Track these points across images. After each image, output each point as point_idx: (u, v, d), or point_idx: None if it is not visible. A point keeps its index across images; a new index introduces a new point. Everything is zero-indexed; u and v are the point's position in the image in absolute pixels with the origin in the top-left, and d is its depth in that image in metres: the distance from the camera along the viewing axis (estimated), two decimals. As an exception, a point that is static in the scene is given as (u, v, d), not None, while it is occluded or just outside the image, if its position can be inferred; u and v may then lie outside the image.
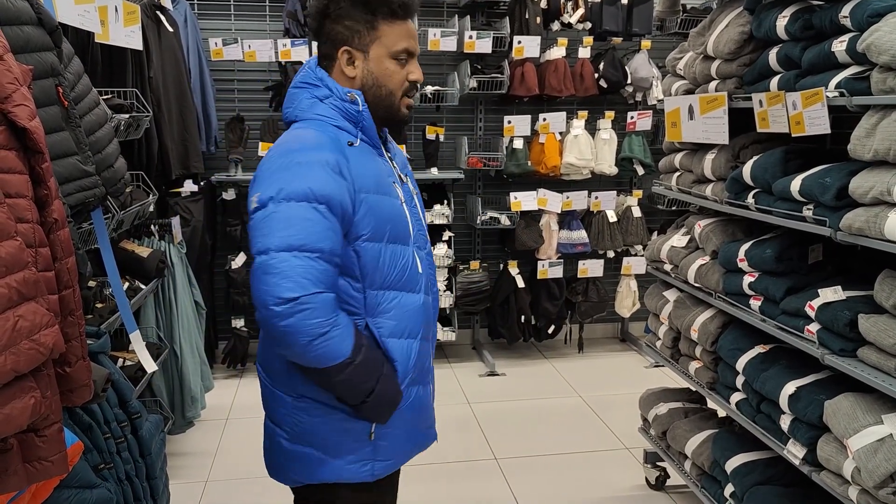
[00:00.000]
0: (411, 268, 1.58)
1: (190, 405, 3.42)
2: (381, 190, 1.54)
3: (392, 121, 1.62)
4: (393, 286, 1.56)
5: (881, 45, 1.72)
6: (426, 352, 1.67)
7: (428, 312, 1.65)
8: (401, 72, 1.57)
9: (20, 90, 1.18)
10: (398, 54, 1.55)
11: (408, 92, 1.60)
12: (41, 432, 1.12)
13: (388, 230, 1.53)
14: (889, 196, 1.69)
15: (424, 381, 1.67)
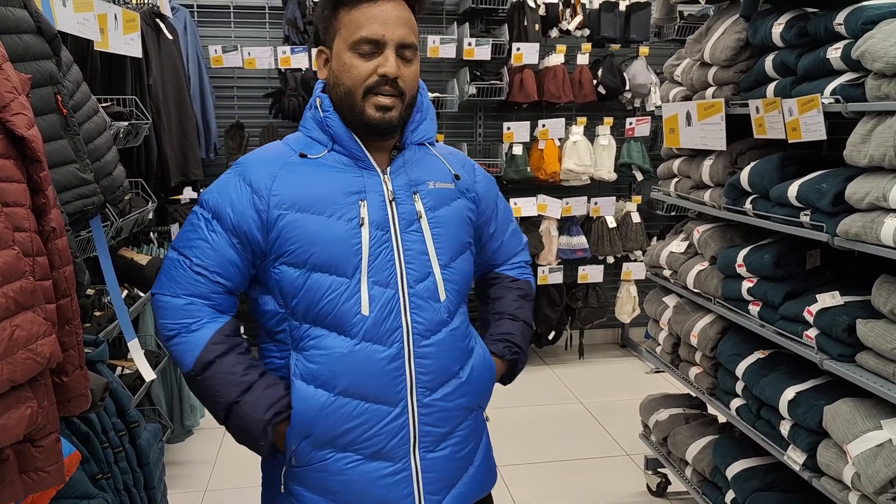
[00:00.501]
0: (343, 306, 1.32)
1: (189, 414, 3.42)
2: (317, 209, 1.33)
3: (361, 125, 1.36)
4: (317, 322, 1.35)
5: (875, 52, 1.72)
6: (360, 415, 1.34)
7: (367, 366, 1.33)
8: (362, 65, 1.32)
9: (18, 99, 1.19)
10: (356, 45, 1.32)
11: (374, 88, 1.32)
12: (38, 442, 1.12)
13: (311, 255, 1.32)
14: (885, 201, 1.70)
15: (364, 451, 1.35)
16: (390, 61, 1.32)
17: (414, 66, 1.37)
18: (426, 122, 1.48)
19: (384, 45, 1.32)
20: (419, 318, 1.37)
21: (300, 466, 1.38)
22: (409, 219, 1.39)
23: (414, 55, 1.37)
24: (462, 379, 1.44)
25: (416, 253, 1.38)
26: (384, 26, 1.31)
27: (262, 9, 4.56)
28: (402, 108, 1.37)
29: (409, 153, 1.45)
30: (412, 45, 1.36)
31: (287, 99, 4.30)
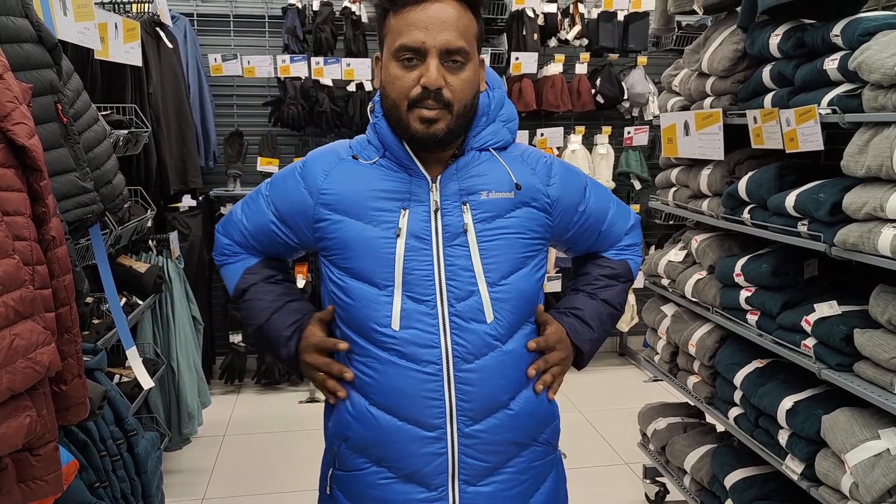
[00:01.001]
0: (374, 317, 1.27)
1: (187, 422, 3.41)
2: (357, 214, 1.30)
3: (409, 139, 1.28)
4: (353, 327, 1.32)
5: (872, 63, 1.73)
6: (393, 432, 1.28)
7: (399, 383, 1.27)
8: (405, 76, 1.23)
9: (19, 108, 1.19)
10: (398, 53, 1.23)
11: (418, 101, 1.23)
12: (36, 451, 1.12)
13: (347, 260, 1.30)
14: (882, 212, 1.70)
15: (397, 470, 1.30)
16: (431, 71, 1.21)
17: (465, 73, 1.25)
18: (493, 125, 1.36)
19: (426, 52, 1.21)
20: (460, 340, 1.27)
21: (342, 470, 1.36)
22: (455, 231, 1.29)
23: (465, 59, 1.24)
24: (512, 411, 1.31)
25: (459, 269, 1.28)
26: (425, 32, 1.20)
27: (262, 18, 4.58)
28: (452, 120, 1.25)
29: (465, 159, 1.34)
30: (459, 49, 1.22)
31: (286, 107, 4.31)
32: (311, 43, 4.38)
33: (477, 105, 1.33)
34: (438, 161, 1.33)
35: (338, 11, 4.39)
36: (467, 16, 1.25)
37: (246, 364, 4.51)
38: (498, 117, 1.38)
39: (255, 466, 3.47)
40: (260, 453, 3.62)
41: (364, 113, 4.43)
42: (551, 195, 1.38)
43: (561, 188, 1.40)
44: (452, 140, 1.30)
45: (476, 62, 1.29)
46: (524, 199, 1.34)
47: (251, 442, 3.77)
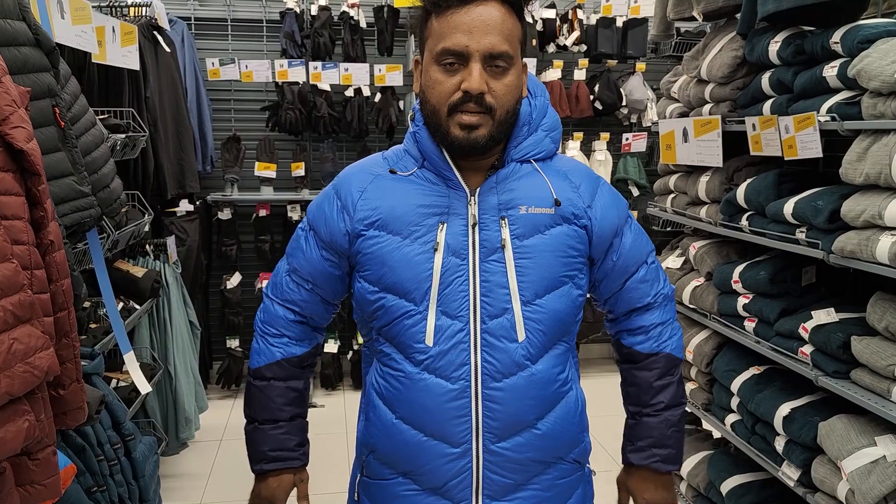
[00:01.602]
0: (408, 331, 1.25)
1: (184, 426, 3.40)
2: (395, 228, 1.27)
3: (448, 145, 1.24)
4: (388, 340, 1.30)
5: (871, 70, 1.74)
6: (418, 446, 1.27)
7: (427, 399, 1.25)
8: (446, 81, 1.19)
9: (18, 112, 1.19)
10: (440, 57, 1.19)
11: (458, 106, 1.19)
12: (34, 455, 1.11)
13: (383, 275, 1.27)
14: (880, 219, 1.71)
15: (422, 483, 1.29)
16: (474, 75, 1.17)
17: (508, 78, 1.21)
18: (535, 134, 1.32)
19: (468, 56, 1.17)
20: (490, 358, 1.24)
21: (369, 478, 1.36)
22: (492, 247, 1.25)
23: (509, 64, 1.20)
24: (539, 431, 1.29)
25: (494, 285, 1.25)
26: (469, 35, 1.17)
27: (260, 22, 4.58)
28: (493, 126, 1.21)
29: (505, 171, 1.29)
30: (503, 53, 1.18)
31: (284, 112, 4.31)
32: (309, 48, 4.38)
33: (519, 112, 1.28)
34: (477, 172, 1.30)
35: (336, 16, 4.39)
36: (512, 19, 1.22)
37: (243, 369, 4.50)
38: (540, 126, 1.33)
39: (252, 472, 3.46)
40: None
41: (362, 118, 4.43)
42: (591, 216, 1.33)
43: (602, 212, 1.34)
44: (493, 147, 1.26)
45: (519, 67, 1.25)
46: (565, 216, 1.30)
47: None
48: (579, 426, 1.37)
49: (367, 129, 4.47)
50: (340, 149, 4.68)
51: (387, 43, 4.45)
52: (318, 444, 3.68)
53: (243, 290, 4.48)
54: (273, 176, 4.44)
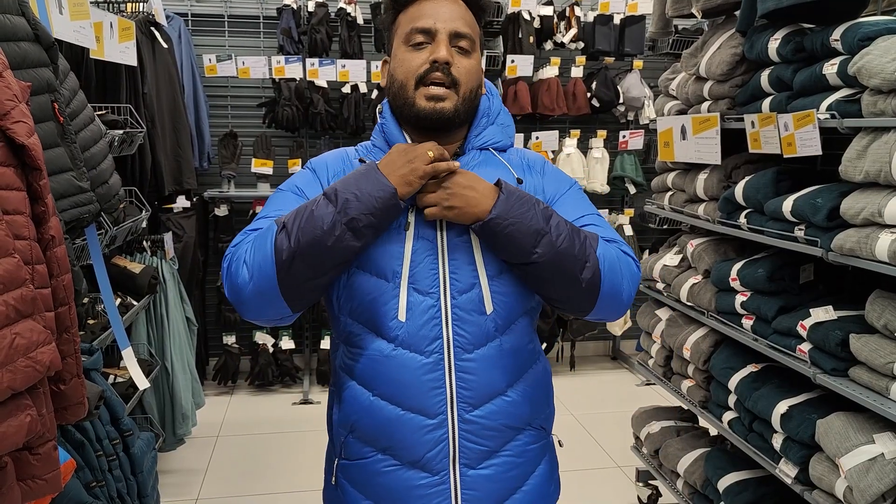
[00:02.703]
0: (382, 309, 1.29)
1: (181, 422, 3.40)
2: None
3: (413, 120, 1.32)
4: (359, 320, 1.33)
5: (872, 68, 1.74)
6: (396, 421, 1.31)
7: (403, 373, 1.29)
8: (415, 57, 1.29)
9: (19, 107, 1.19)
10: (409, 37, 1.30)
11: (425, 77, 1.28)
12: (35, 450, 1.11)
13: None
14: (880, 217, 1.71)
15: (402, 457, 1.32)
16: (441, 47, 1.27)
17: (471, 60, 1.32)
18: (492, 127, 1.41)
19: (435, 32, 1.29)
20: (461, 331, 1.30)
21: (348, 459, 1.38)
22: (459, 227, 1.32)
23: (472, 48, 1.32)
24: (510, 398, 1.35)
25: (462, 263, 1.31)
26: (435, 17, 1.29)
27: (257, 18, 4.57)
28: (459, 101, 1.30)
29: (466, 158, 1.37)
30: (467, 35, 1.31)
31: (281, 108, 4.31)
32: (306, 44, 4.38)
33: (479, 101, 1.38)
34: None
35: (333, 13, 4.38)
36: (471, 15, 1.35)
37: (239, 365, 4.49)
38: (497, 121, 1.42)
39: (249, 467, 3.46)
40: (253, 454, 3.61)
41: (359, 114, 4.43)
42: (547, 190, 1.41)
43: (550, 184, 1.43)
44: (457, 125, 1.34)
45: (479, 58, 1.35)
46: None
47: (245, 443, 3.76)
48: (546, 393, 1.44)
49: (363, 125, 4.47)
50: (337, 145, 4.67)
51: (384, 39, 4.44)
52: (316, 440, 3.70)
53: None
54: (270, 172, 4.44)
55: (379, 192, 1.22)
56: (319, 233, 1.21)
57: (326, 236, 1.21)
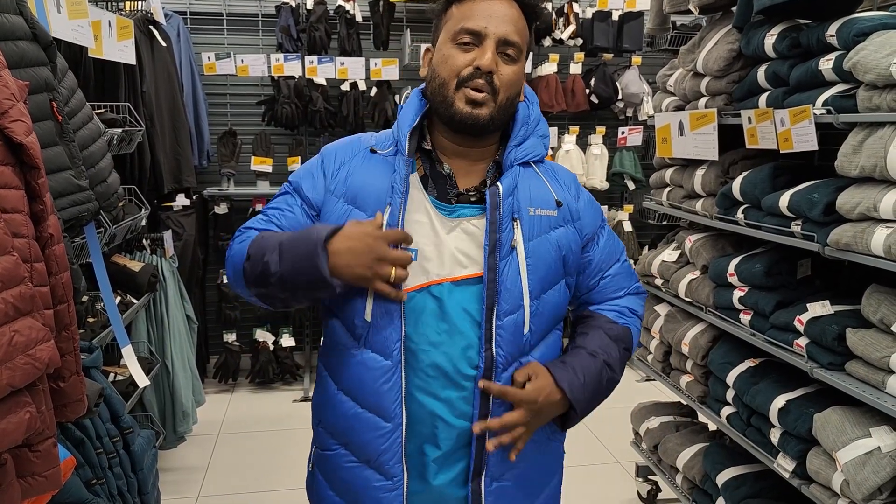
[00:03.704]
0: (349, 304, 1.30)
1: (181, 420, 3.40)
2: (362, 205, 1.31)
3: (449, 119, 1.29)
4: (331, 313, 1.35)
5: (867, 63, 1.75)
6: (354, 417, 1.31)
7: (363, 372, 1.29)
8: (459, 56, 1.26)
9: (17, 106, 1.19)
10: (458, 35, 1.27)
11: (467, 81, 1.25)
12: (35, 447, 1.12)
13: None
14: (875, 212, 1.72)
15: (359, 455, 1.33)
16: (487, 54, 1.25)
17: (515, 67, 1.29)
18: (532, 138, 1.37)
19: (484, 37, 1.26)
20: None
21: (320, 449, 1.41)
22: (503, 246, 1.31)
23: (518, 56, 1.29)
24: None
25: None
26: (487, 20, 1.26)
27: (256, 16, 4.57)
28: (496, 109, 1.27)
29: (508, 179, 1.31)
30: (515, 43, 1.27)
31: (280, 106, 4.31)
32: (305, 42, 4.38)
33: (516, 107, 1.35)
34: (469, 174, 1.34)
35: (332, 10, 4.39)
36: (524, 21, 1.31)
37: (240, 363, 4.50)
38: (536, 131, 1.39)
39: (250, 465, 3.47)
40: (254, 452, 3.62)
41: (358, 112, 4.43)
42: (580, 212, 1.40)
43: (586, 209, 1.42)
44: (491, 130, 1.31)
45: (523, 65, 1.32)
46: (565, 216, 1.37)
47: (245, 440, 3.77)
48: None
49: (363, 123, 4.47)
50: (337, 143, 4.68)
51: (382, 37, 4.45)
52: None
53: (240, 285, 4.47)
54: (269, 170, 4.44)
55: (311, 276, 1.21)
56: (272, 280, 1.25)
57: (275, 287, 1.26)
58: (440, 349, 1.28)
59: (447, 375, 1.28)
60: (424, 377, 1.28)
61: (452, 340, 1.28)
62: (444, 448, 1.30)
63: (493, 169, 1.36)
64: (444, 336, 1.28)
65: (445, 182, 1.33)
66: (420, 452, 1.31)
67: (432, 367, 1.28)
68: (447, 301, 1.28)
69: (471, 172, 1.35)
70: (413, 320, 1.28)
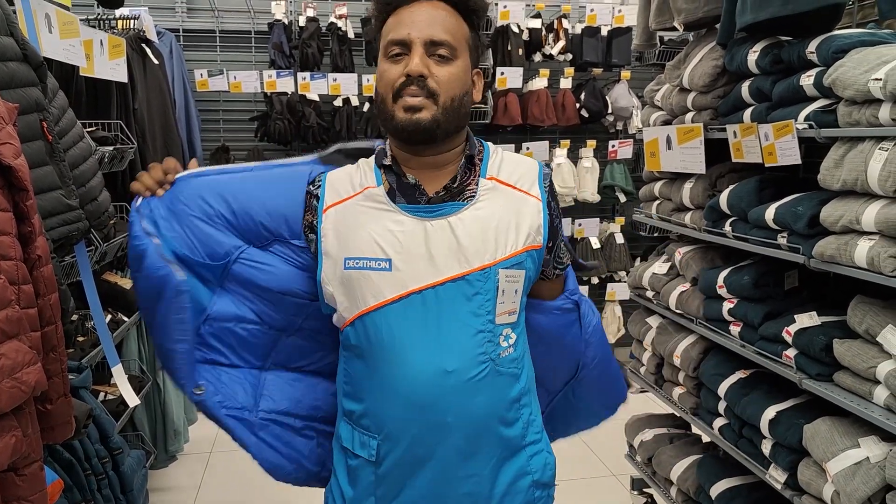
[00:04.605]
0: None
1: (173, 439, 3.39)
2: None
3: (395, 132, 1.28)
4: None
5: (846, 80, 1.77)
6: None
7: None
8: (392, 69, 1.26)
9: (6, 129, 1.20)
10: (388, 49, 1.27)
11: (401, 90, 1.24)
12: (21, 471, 1.12)
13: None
14: (858, 224, 1.74)
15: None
16: (415, 59, 1.23)
17: (451, 68, 1.26)
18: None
19: (410, 43, 1.24)
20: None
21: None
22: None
23: (453, 54, 1.26)
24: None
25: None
26: (412, 26, 1.25)
27: (248, 33, 4.60)
28: (438, 111, 1.25)
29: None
30: (444, 42, 1.25)
31: (273, 122, 4.33)
32: (297, 58, 4.40)
33: (468, 107, 1.32)
34: (437, 177, 1.32)
35: (324, 27, 4.42)
36: (455, 18, 1.29)
37: (233, 379, 4.48)
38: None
39: (242, 483, 3.45)
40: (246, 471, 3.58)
41: (350, 127, 4.45)
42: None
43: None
44: (442, 134, 1.28)
45: (466, 63, 1.30)
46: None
47: (238, 459, 3.73)
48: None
49: (355, 137, 4.49)
50: (329, 158, 4.69)
51: (374, 53, 4.47)
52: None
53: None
54: (262, 186, 4.44)
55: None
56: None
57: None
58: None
59: None
60: None
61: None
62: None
63: (465, 164, 1.34)
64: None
65: (414, 191, 1.31)
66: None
67: None
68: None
69: (438, 177, 1.33)
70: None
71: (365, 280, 1.26)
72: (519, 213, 1.31)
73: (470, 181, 1.32)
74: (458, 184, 1.31)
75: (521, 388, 1.33)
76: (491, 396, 1.28)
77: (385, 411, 1.27)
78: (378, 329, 1.26)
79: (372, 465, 1.29)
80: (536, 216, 1.33)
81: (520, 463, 1.36)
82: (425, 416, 1.25)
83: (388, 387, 1.26)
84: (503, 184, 1.33)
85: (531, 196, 1.34)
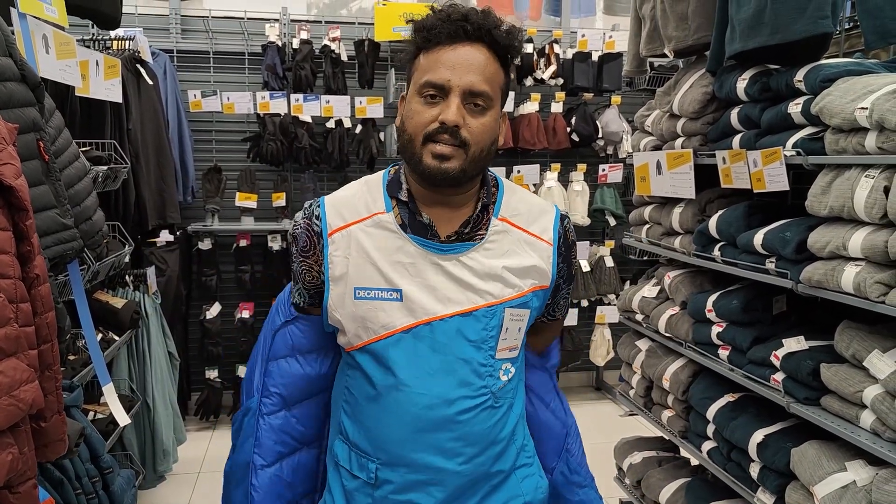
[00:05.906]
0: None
1: (162, 459, 3.37)
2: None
3: (420, 174, 1.27)
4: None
5: (832, 108, 1.81)
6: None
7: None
8: (425, 112, 1.23)
9: (7, 149, 1.21)
10: (423, 89, 1.24)
11: (433, 137, 1.22)
12: (15, 489, 1.12)
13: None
14: (845, 250, 1.77)
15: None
16: (452, 108, 1.21)
17: (485, 119, 1.25)
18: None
19: (449, 90, 1.22)
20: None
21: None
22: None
23: (487, 105, 1.25)
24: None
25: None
26: (452, 71, 1.22)
27: (242, 55, 4.63)
28: (466, 162, 1.24)
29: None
30: (482, 93, 1.23)
31: (265, 143, 4.35)
32: (290, 80, 4.44)
33: (492, 155, 1.31)
34: (451, 220, 1.33)
35: (318, 50, 4.46)
36: (495, 64, 1.27)
37: (222, 400, 4.47)
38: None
39: (230, 504, 3.43)
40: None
41: (343, 149, 4.48)
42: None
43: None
44: (464, 181, 1.28)
45: (497, 111, 1.29)
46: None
47: (226, 479, 3.72)
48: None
49: (347, 160, 4.52)
50: (321, 179, 4.72)
51: (367, 76, 4.52)
52: None
53: (223, 321, 4.47)
54: (254, 206, 4.47)
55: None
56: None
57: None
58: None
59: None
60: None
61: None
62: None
63: (480, 210, 1.34)
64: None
65: (426, 231, 1.31)
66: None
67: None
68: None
69: (452, 219, 1.33)
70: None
71: (376, 310, 1.27)
72: (527, 256, 1.34)
73: (482, 224, 1.34)
74: (470, 229, 1.33)
75: (515, 416, 1.38)
76: (488, 425, 1.31)
77: (386, 435, 1.29)
78: (386, 357, 1.28)
79: (370, 488, 1.31)
80: (545, 261, 1.36)
81: (512, 486, 1.39)
82: (426, 442, 1.27)
83: (392, 412, 1.28)
84: (514, 226, 1.35)
85: (542, 240, 1.37)
